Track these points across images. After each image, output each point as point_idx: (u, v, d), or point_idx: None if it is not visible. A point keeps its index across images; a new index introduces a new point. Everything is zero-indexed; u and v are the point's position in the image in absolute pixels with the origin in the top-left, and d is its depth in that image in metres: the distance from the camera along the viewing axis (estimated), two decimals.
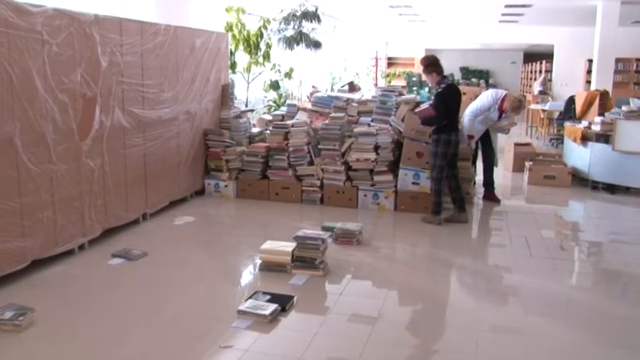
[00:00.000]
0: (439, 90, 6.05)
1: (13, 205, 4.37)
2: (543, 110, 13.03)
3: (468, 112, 7.16)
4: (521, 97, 7.21)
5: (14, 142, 4.33)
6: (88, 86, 5.08)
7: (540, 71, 19.48)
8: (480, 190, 7.50)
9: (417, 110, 6.32)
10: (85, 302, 4.18)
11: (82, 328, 3.77)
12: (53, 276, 4.65)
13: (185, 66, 6.65)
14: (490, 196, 7.32)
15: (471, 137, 7.11)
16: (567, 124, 9.31)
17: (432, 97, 6.30)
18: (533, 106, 14.05)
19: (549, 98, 14.75)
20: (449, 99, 6.03)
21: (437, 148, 6.04)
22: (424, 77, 6.47)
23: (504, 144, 9.79)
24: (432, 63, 6.11)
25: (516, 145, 9.63)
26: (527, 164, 8.55)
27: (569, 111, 10.65)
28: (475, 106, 7.16)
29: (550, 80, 17.68)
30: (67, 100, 4.84)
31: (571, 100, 10.79)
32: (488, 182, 7.34)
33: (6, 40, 4.21)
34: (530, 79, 21.01)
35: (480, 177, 7.48)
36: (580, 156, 8.35)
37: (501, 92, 7.18)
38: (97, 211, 5.30)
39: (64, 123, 4.81)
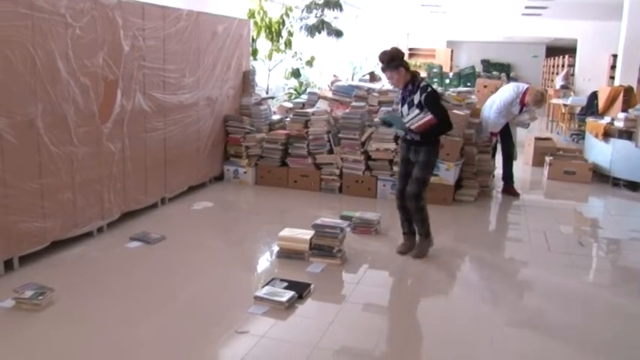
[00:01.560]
0: (428, 90, 4.65)
1: (33, 186, 4.41)
2: (565, 105, 12.86)
3: (489, 107, 7.08)
4: (543, 91, 7.12)
5: (36, 123, 4.37)
6: (110, 70, 5.09)
7: (563, 65, 19.26)
8: (498, 183, 7.43)
9: (413, 124, 4.66)
10: (102, 284, 4.22)
11: (100, 309, 3.81)
12: (72, 257, 4.69)
13: (207, 52, 6.65)
14: (509, 189, 7.25)
15: (493, 134, 7.04)
16: (589, 119, 9.18)
17: (423, 103, 4.64)
18: (554, 101, 13.88)
19: (571, 93, 14.58)
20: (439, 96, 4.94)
21: (431, 158, 4.80)
22: (387, 77, 4.89)
23: (525, 138, 9.70)
24: (398, 57, 4.70)
25: (537, 139, 9.52)
26: (548, 159, 8.45)
27: (591, 106, 10.51)
28: (497, 100, 7.06)
29: (572, 75, 17.46)
30: (89, 83, 4.86)
31: (594, 96, 10.64)
32: (508, 176, 7.26)
33: (30, 23, 4.23)
34: (552, 73, 20.79)
35: (499, 170, 7.41)
36: (601, 152, 8.24)
37: (523, 86, 7.08)
38: (116, 195, 5.34)
39: (85, 106, 4.84)
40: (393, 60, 4.67)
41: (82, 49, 4.74)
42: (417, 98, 4.67)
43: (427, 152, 4.73)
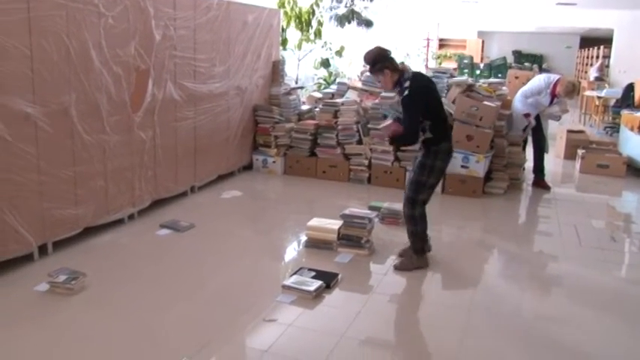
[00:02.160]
0: (405, 94, 4.19)
1: (67, 174, 4.49)
2: (599, 97, 12.61)
3: (518, 95, 7.00)
4: (575, 82, 6.98)
5: (70, 112, 4.44)
6: (142, 59, 5.15)
7: (597, 57, 18.84)
8: (529, 176, 7.33)
9: (380, 126, 4.50)
10: (132, 270, 4.29)
11: (130, 295, 3.87)
12: (103, 243, 4.78)
13: (237, 41, 6.67)
14: (540, 183, 7.15)
15: (527, 115, 6.89)
16: (624, 112, 9.01)
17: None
18: (588, 93, 13.61)
19: (606, 85, 14.27)
20: (421, 99, 4.22)
21: (434, 161, 4.30)
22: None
23: (557, 130, 9.54)
24: (380, 57, 4.28)
25: (569, 131, 9.36)
26: (580, 152, 8.31)
27: (627, 99, 10.29)
28: (525, 88, 6.99)
29: (607, 66, 17.09)
30: (121, 72, 4.92)
31: (630, 88, 10.42)
32: (539, 169, 7.16)
33: (65, 13, 4.29)
34: (586, 64, 20.37)
35: (529, 163, 7.31)
36: (637, 145, 8.07)
37: (554, 76, 6.97)
38: (147, 182, 5.41)
39: (117, 95, 4.90)
40: (375, 62, 4.28)
41: (115, 39, 4.80)
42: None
43: (424, 155, 4.35)
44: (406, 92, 4.20)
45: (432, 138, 4.28)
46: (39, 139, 4.19)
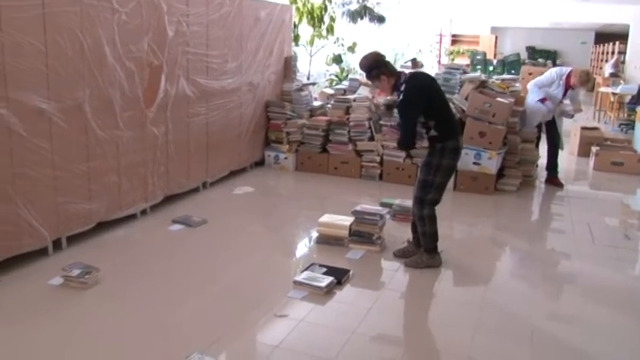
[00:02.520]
0: (400, 98, 4.15)
1: (81, 169, 4.53)
2: (614, 93, 12.49)
3: (529, 86, 6.98)
4: (588, 71, 6.93)
5: (84, 107, 4.47)
6: (155, 55, 5.17)
7: (613, 52, 18.66)
8: (542, 173, 7.29)
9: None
10: (145, 265, 4.32)
11: (142, 289, 3.91)
12: (116, 238, 4.81)
13: (249, 37, 6.68)
14: (553, 180, 7.11)
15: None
16: None
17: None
18: (602, 89, 13.49)
19: (621, 81, 14.13)
20: (417, 100, 4.11)
21: (441, 160, 4.21)
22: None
23: (571, 127, 9.47)
24: (376, 64, 4.20)
25: (583, 128, 9.30)
26: (594, 149, 8.24)
27: None
28: (536, 79, 6.98)
29: (623, 62, 16.92)
30: (135, 68, 4.94)
31: None
32: (552, 166, 7.12)
33: (79, 9, 4.32)
34: (601, 60, 20.19)
35: (542, 160, 7.27)
36: None
37: (566, 68, 6.96)
38: (159, 178, 5.44)
39: (130, 90, 4.93)
40: (371, 69, 4.20)
41: (128, 35, 4.82)
42: None
43: (429, 153, 4.29)
44: (401, 96, 4.14)
45: (437, 136, 4.20)
46: (53, 134, 4.23)
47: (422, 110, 4.13)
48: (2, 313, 3.52)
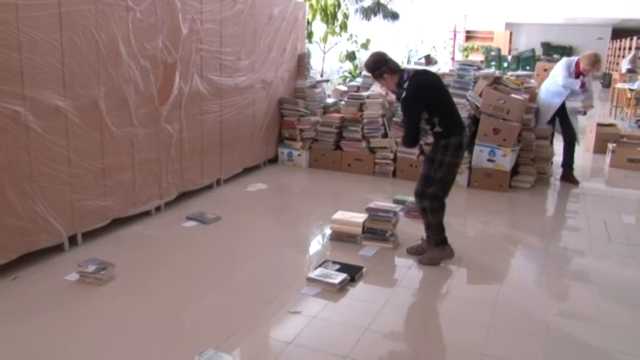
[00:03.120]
0: (403, 95, 4.21)
1: (97, 166, 4.57)
2: (631, 90, 12.35)
3: (543, 90, 6.91)
4: (596, 52, 6.79)
5: (99, 105, 4.51)
6: (169, 52, 5.20)
7: (630, 48, 18.46)
8: (557, 170, 7.23)
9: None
10: (159, 261, 4.35)
11: (157, 285, 3.93)
12: (131, 235, 4.85)
13: (262, 34, 6.69)
14: (568, 177, 7.06)
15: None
16: None
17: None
18: (619, 85, 13.36)
19: (638, 77, 13.98)
20: (420, 98, 4.18)
21: (444, 156, 4.22)
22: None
23: (586, 124, 9.39)
24: (379, 64, 4.28)
25: (599, 125, 9.21)
26: (610, 146, 8.16)
27: None
28: (549, 81, 6.90)
29: None
30: (149, 65, 4.97)
31: None
32: (568, 163, 7.06)
33: (94, 7, 4.35)
34: (618, 56, 19.99)
35: (557, 157, 7.22)
36: None
37: (572, 58, 6.92)
38: (173, 175, 5.47)
39: (145, 88, 4.96)
40: (375, 69, 4.29)
41: (142, 33, 4.85)
42: None
43: (433, 149, 4.31)
44: (403, 94, 4.19)
45: (441, 132, 4.22)
46: (69, 131, 4.27)
47: (425, 107, 4.18)
48: (19, 308, 3.57)
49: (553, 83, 6.81)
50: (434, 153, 4.28)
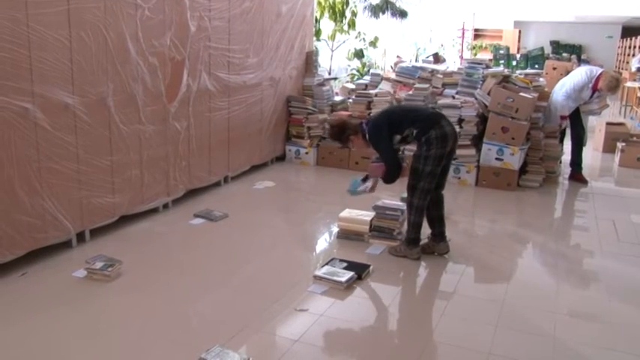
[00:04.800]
0: (367, 138, 4.37)
1: (105, 163, 4.58)
2: None
3: (559, 90, 6.83)
4: (618, 77, 6.74)
5: (107, 102, 4.52)
6: (177, 50, 5.20)
7: None
8: (565, 169, 7.20)
9: (370, 169, 4.63)
10: (167, 258, 4.36)
11: (164, 282, 3.94)
12: (139, 232, 4.86)
13: (270, 32, 6.69)
14: (576, 176, 7.02)
15: (563, 118, 6.80)
16: None
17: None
18: (629, 84, 13.28)
19: None
20: (381, 128, 4.29)
21: (429, 151, 4.19)
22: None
23: (595, 123, 9.34)
24: (340, 130, 4.49)
25: (608, 124, 9.16)
26: (620, 145, 8.11)
27: None
28: (567, 83, 6.80)
29: None
30: (157, 63, 4.98)
31: None
32: (576, 162, 7.02)
33: (102, 5, 4.36)
34: (628, 55, 19.84)
35: (566, 156, 7.18)
36: None
37: (596, 70, 6.75)
38: (181, 172, 5.48)
39: (153, 85, 4.97)
40: (340, 136, 4.49)
41: (151, 30, 4.86)
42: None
43: (417, 147, 4.31)
44: (367, 136, 4.34)
45: (418, 131, 4.22)
46: (77, 128, 4.28)
47: (391, 131, 4.27)
48: (27, 304, 3.58)
49: (571, 90, 6.69)
50: (419, 150, 4.26)
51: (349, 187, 4.71)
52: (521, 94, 6.42)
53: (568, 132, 7.14)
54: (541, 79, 7.38)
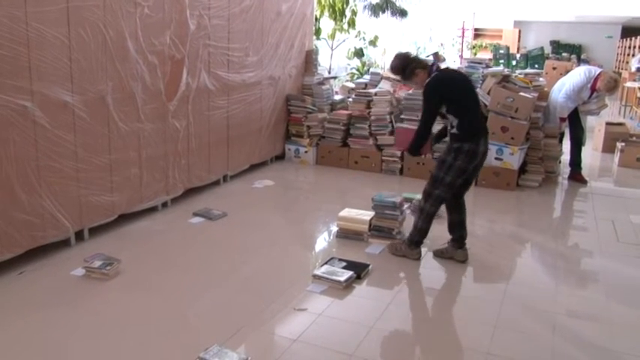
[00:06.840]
0: (429, 81, 4.18)
1: (103, 161, 4.57)
2: None
3: (558, 90, 6.83)
4: (617, 77, 6.75)
5: (106, 100, 4.51)
6: (177, 48, 5.19)
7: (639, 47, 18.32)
8: (565, 169, 7.19)
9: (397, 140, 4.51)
10: (165, 257, 4.36)
11: (162, 281, 3.94)
12: (138, 230, 4.86)
13: (270, 31, 6.68)
14: (576, 176, 7.01)
15: (562, 120, 6.80)
16: None
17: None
18: (628, 84, 13.27)
19: None
20: (437, 90, 4.13)
21: (455, 160, 4.10)
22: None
23: (595, 123, 9.33)
24: (406, 61, 4.27)
25: (608, 124, 9.15)
26: (619, 145, 8.11)
27: None
28: (566, 83, 6.79)
29: None
30: (156, 61, 4.97)
31: None
32: (575, 162, 7.02)
33: (102, 3, 4.35)
34: (628, 55, 19.84)
35: (566, 156, 7.17)
36: None
37: (595, 70, 6.76)
38: (180, 171, 5.47)
39: (152, 84, 4.96)
40: (404, 68, 4.25)
41: (150, 28, 4.85)
42: None
43: (446, 150, 4.20)
44: (425, 87, 4.18)
45: (456, 134, 4.13)
46: (76, 126, 4.27)
47: (442, 101, 4.13)
48: (25, 302, 3.58)
49: (571, 91, 6.68)
50: (445, 155, 4.17)
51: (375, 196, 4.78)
52: (521, 93, 6.42)
53: (567, 132, 7.13)
54: (541, 79, 7.37)
